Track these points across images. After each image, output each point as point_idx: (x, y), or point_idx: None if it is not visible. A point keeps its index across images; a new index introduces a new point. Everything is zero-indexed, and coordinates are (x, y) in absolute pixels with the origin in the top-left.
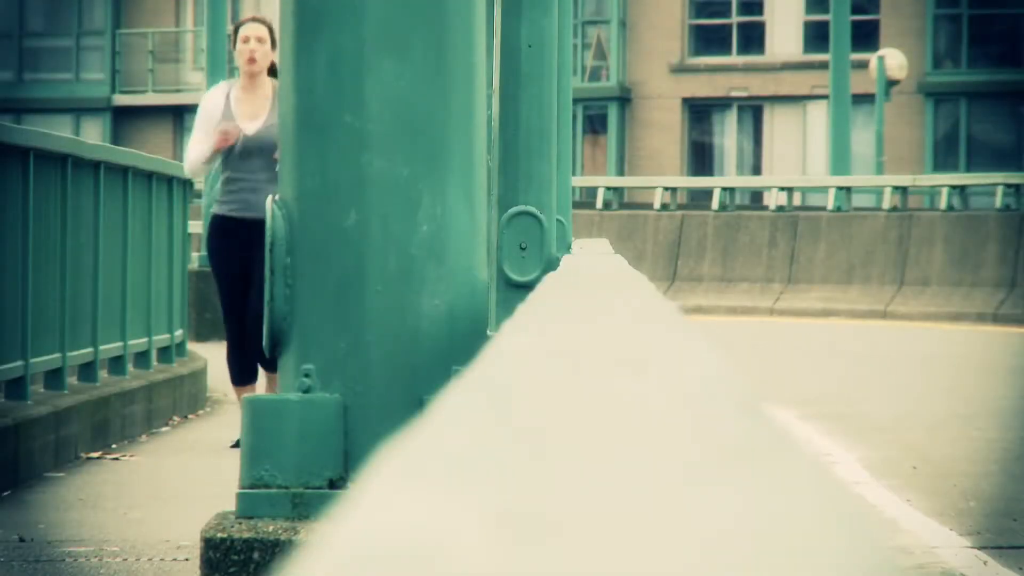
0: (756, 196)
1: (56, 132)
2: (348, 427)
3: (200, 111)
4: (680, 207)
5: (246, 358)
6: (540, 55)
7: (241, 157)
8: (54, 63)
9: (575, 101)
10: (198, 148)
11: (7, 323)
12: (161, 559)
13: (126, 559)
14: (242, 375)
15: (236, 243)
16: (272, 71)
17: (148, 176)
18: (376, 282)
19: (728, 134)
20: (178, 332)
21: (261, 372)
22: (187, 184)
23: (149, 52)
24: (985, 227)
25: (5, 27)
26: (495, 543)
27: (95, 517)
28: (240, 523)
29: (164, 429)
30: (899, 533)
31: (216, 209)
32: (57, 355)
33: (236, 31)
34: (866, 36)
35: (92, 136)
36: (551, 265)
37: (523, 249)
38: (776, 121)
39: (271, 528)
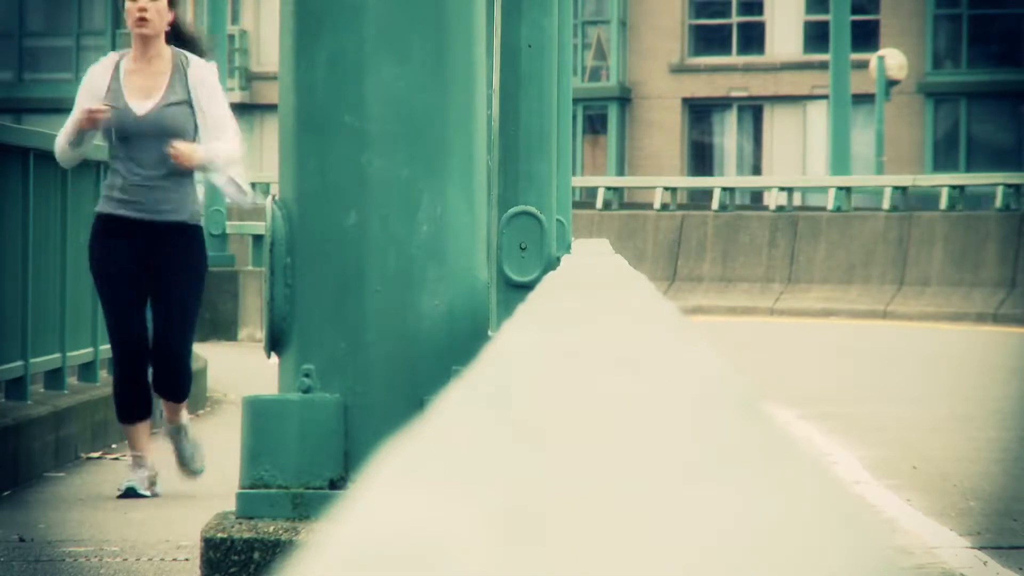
0: (756, 196)
1: (56, 132)
2: (348, 427)
3: (82, 86)
4: (680, 207)
5: (142, 388)
6: (540, 55)
7: (129, 145)
8: (54, 63)
9: (575, 101)
10: (63, 130)
11: (7, 323)
12: (161, 559)
13: (126, 559)
14: (136, 408)
15: (128, 248)
16: (178, 38)
17: None
18: (376, 282)
19: (728, 134)
20: None
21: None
22: None
23: None
24: (985, 227)
25: (5, 27)
26: (495, 543)
27: (95, 517)
28: (240, 523)
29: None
30: (899, 533)
31: (102, 207)
32: (57, 355)
33: None
34: (866, 36)
35: None
36: (551, 265)
37: (523, 249)
38: (776, 121)
39: (271, 528)
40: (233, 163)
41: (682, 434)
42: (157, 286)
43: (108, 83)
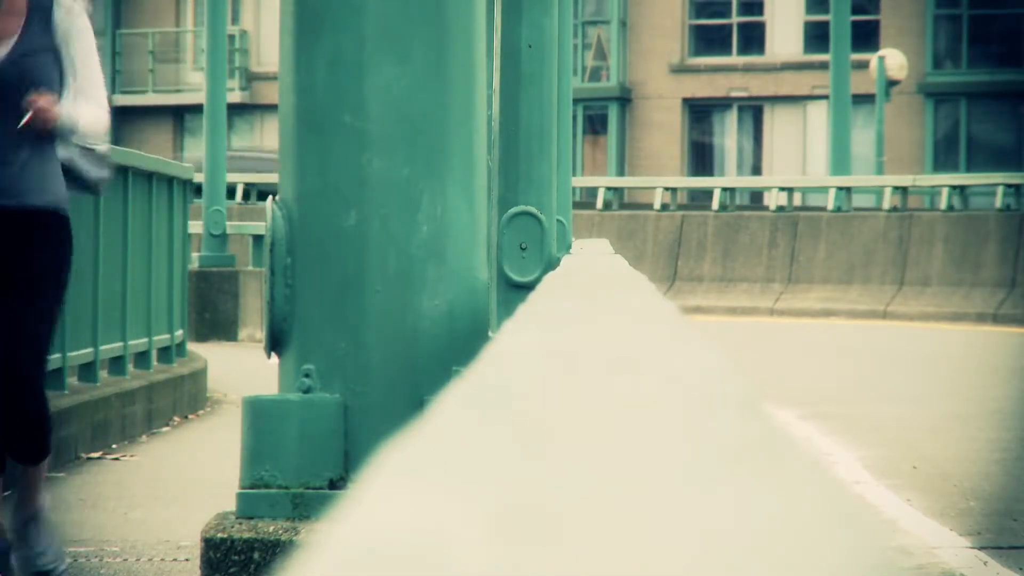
0: (756, 196)
1: None
2: (348, 427)
3: None
4: (680, 207)
5: None
6: (540, 55)
7: None
8: None
9: (575, 101)
10: None
11: None
12: (161, 559)
13: (126, 559)
14: None
15: None
16: None
17: (148, 176)
18: (376, 282)
19: (728, 134)
20: (178, 332)
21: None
22: (187, 184)
23: (149, 52)
24: (985, 227)
25: None
26: (495, 543)
27: (95, 517)
28: (240, 523)
29: (164, 429)
30: (899, 533)
31: None
32: (57, 355)
33: None
34: (866, 36)
35: None
36: (551, 265)
37: (523, 249)
38: (776, 121)
39: (271, 528)
40: (98, 135)
41: (682, 434)
42: (7, 294)
43: None
